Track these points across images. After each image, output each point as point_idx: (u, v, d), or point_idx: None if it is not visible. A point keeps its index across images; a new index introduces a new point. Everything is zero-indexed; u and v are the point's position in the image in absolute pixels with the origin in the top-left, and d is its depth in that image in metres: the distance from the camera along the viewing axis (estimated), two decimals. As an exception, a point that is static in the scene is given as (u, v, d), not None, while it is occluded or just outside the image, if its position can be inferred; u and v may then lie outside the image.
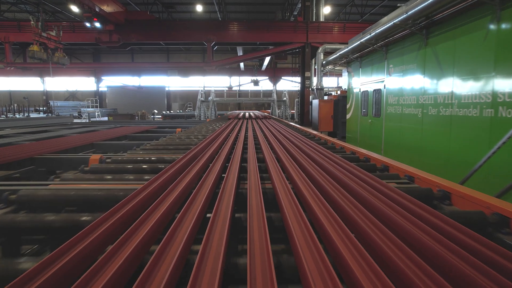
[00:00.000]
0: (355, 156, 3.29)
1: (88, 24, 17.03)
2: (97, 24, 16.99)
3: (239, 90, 34.08)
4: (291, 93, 29.61)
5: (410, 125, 6.50)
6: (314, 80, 17.53)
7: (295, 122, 18.28)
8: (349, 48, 9.34)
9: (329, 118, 11.61)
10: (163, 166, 2.61)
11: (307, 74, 18.58)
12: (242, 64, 30.53)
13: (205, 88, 20.77)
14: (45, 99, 35.15)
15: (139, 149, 3.71)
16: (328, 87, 21.45)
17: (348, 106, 10.21)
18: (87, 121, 17.91)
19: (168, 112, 25.04)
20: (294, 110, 21.73)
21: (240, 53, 25.56)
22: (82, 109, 28.27)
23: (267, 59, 28.72)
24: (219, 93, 24.66)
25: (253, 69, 31.95)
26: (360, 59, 9.30)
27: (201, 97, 18.59)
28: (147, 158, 3.04)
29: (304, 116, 18.70)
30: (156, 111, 22.62)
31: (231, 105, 35.33)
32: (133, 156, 3.06)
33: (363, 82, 9.13)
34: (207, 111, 18.02)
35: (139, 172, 2.53)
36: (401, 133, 6.90)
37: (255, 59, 23.32)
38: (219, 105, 35.65)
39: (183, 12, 28.40)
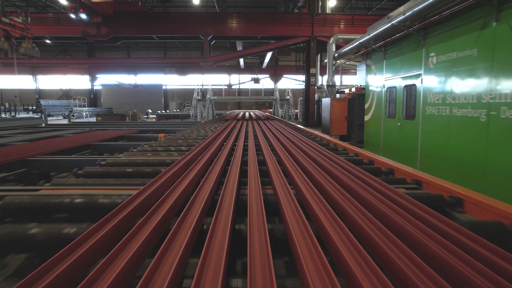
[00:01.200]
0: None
1: (73, 16, 15.24)
2: (83, 16, 15.22)
3: (239, 89, 32.33)
4: (294, 91, 27.87)
5: (466, 131, 4.77)
6: (322, 77, 15.80)
7: (298, 123, 16.57)
8: (371, 35, 7.58)
9: (343, 119, 9.87)
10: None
11: (312, 70, 16.84)
12: (242, 62, 28.80)
13: (203, 86, 19.03)
14: (37, 98, 33.44)
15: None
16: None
17: (367, 105, 8.47)
18: (69, 121, 16.17)
19: (163, 111, 23.30)
20: (298, 109, 19.99)
21: (239, 48, 23.83)
22: (74, 108, 26.55)
23: (268, 56, 27.01)
24: (217, 92, 22.84)
25: (254, 67, 30.20)
26: (383, 49, 7.56)
27: (198, 95, 16.87)
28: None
29: (309, 116, 16.97)
30: (150, 110, 20.88)
31: (231, 105, 33.60)
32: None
33: (388, 77, 7.39)
34: (204, 111, 16.30)
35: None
36: (449, 141, 5.17)
37: (256, 55, 21.54)
38: (218, 104, 33.92)
39: (179, 7, 26.62)
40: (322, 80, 20.84)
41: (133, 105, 32.27)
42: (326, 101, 10.61)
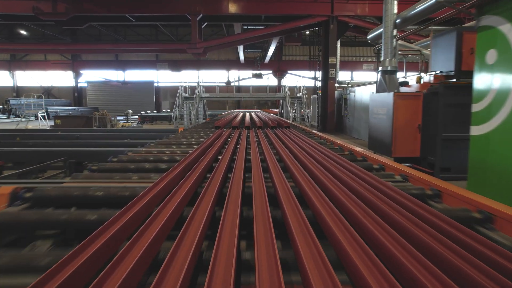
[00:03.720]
0: None
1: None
2: (29, -15, 11.02)
3: (239, 86, 28.05)
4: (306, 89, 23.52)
5: None
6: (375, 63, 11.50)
7: (310, 126, 12.35)
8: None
9: (414, 130, 5.49)
10: None
11: (331, 60, 12.55)
12: (242, 56, 24.49)
13: (190, 82, 14.75)
14: (15, 96, 29.21)
15: None
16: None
17: (482, 106, 4.25)
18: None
19: (148, 112, 19.03)
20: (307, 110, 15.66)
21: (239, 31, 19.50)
22: (51, 108, 22.31)
23: (271, 49, 22.72)
24: (212, 89, 18.40)
25: (255, 62, 25.91)
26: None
27: (183, 92, 12.67)
28: None
29: (326, 119, 12.70)
30: (130, 111, 16.70)
31: (229, 104, 29.33)
32: None
33: None
34: (193, 112, 12.06)
35: None
36: None
37: (258, 41, 17.09)
38: (215, 104, 29.61)
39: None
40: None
41: (122, 104, 28.07)
42: (381, 98, 6.15)
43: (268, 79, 16.22)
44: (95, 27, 25.45)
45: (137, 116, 18.11)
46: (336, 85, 12.64)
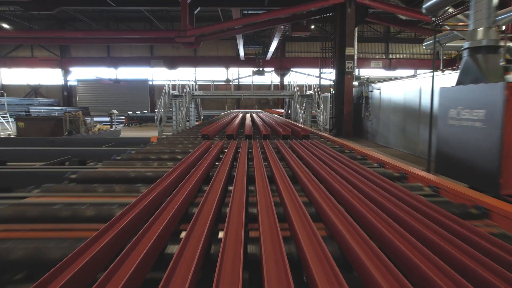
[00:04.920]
0: None
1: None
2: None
3: (239, 84, 25.82)
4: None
5: None
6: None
7: (317, 129, 10.15)
8: None
9: None
10: None
11: (348, 51, 10.30)
12: (241, 52, 22.24)
13: (182, 81, 12.47)
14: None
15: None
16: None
17: None
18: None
19: (137, 113, 16.78)
20: (312, 112, 13.35)
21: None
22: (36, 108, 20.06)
23: (273, 45, 20.50)
24: (207, 87, 15.96)
25: (256, 59, 23.67)
26: None
27: (170, 90, 10.42)
28: None
29: (342, 122, 10.47)
30: (115, 111, 14.48)
31: (229, 103, 27.11)
32: None
33: None
34: (182, 112, 9.79)
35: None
36: None
37: (260, 28, 14.71)
38: (213, 104, 27.39)
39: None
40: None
41: (114, 104, 25.81)
42: (472, 94, 3.50)
43: (272, 75, 13.66)
44: (85, 21, 23.22)
45: (123, 117, 15.87)
46: (355, 83, 10.41)
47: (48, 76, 26.34)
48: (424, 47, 10.35)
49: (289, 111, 12.25)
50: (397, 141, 7.87)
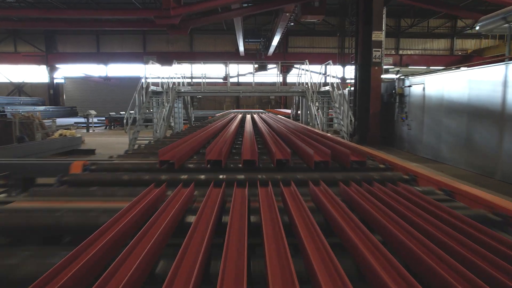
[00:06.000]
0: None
1: None
2: None
3: (239, 82, 23.50)
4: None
5: None
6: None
7: (341, 136, 7.79)
8: None
9: None
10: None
11: (376, 35, 7.96)
12: (241, 46, 19.89)
13: (175, 78, 10.05)
14: (-20, 94, 24.61)
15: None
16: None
17: None
18: None
19: (121, 113, 14.44)
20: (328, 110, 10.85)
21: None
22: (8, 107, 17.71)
23: (276, 39, 18.23)
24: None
25: (257, 55, 21.37)
26: None
27: (147, 85, 8.14)
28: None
29: (368, 125, 8.17)
30: (93, 112, 12.19)
31: (228, 103, 24.82)
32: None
33: None
34: (163, 114, 7.42)
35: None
36: None
37: (263, 10, 12.25)
38: (211, 103, 25.08)
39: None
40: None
41: (105, 103, 23.50)
42: None
43: (279, 65, 10.94)
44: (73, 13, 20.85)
45: (104, 118, 13.54)
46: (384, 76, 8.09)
47: (33, 73, 23.98)
48: (477, 28, 7.99)
49: (299, 112, 9.94)
50: (456, 155, 5.56)
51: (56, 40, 23.85)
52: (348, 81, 15.73)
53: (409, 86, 7.08)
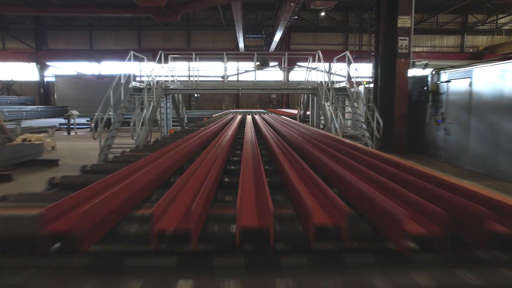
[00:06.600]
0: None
1: None
2: None
3: (238, 80, 22.06)
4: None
5: None
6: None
7: (362, 143, 6.27)
8: None
9: None
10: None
11: (402, 21, 6.55)
12: (241, 43, 18.54)
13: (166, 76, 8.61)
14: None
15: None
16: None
17: None
18: None
19: (110, 114, 12.94)
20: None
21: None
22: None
23: (278, 35, 16.92)
24: (185, 83, 11.37)
25: (258, 50, 19.92)
26: None
27: (126, 80, 6.79)
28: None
29: (393, 129, 6.74)
30: (75, 112, 10.80)
31: (227, 102, 23.41)
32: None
33: None
34: (147, 114, 6.06)
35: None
36: None
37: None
38: (209, 103, 23.67)
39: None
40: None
41: (98, 102, 22.05)
42: None
43: (286, 56, 9.30)
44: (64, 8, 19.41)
45: (89, 120, 12.12)
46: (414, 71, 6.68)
47: (22, 71, 22.55)
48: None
49: (308, 113, 8.51)
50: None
51: (47, 36, 22.39)
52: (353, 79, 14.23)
53: (447, 81, 5.66)
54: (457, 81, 5.51)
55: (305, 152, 2.24)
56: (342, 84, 6.84)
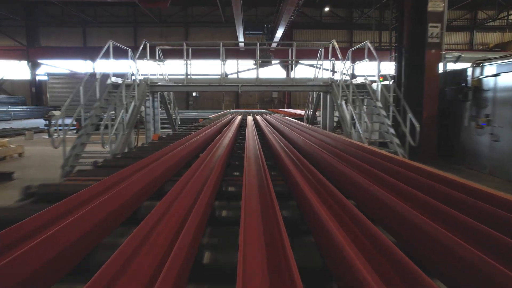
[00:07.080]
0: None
1: None
2: None
3: (238, 78, 20.93)
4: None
5: None
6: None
7: (397, 152, 5.12)
8: None
9: None
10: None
11: (433, 5, 5.45)
12: (241, 39, 17.52)
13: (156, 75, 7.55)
14: (-46, 92, 22.07)
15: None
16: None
17: None
18: None
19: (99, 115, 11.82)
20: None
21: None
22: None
23: (280, 31, 15.90)
24: (175, 79, 10.08)
25: (260, 43, 18.76)
26: None
27: (99, 76, 5.72)
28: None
29: (422, 134, 5.62)
30: (56, 113, 9.74)
31: (226, 102, 22.31)
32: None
33: None
34: (127, 115, 5.04)
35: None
36: None
37: None
38: (208, 103, 22.58)
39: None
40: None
41: (92, 102, 20.98)
42: None
43: (293, 47, 8.00)
44: (57, 4, 18.36)
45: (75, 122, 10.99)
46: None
47: (13, 70, 21.44)
48: None
49: (316, 114, 7.41)
50: None
51: (39, 33, 21.26)
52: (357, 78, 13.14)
53: (495, 75, 4.56)
54: (505, 75, 4.41)
55: (337, 175, 1.17)
56: (360, 80, 5.73)
